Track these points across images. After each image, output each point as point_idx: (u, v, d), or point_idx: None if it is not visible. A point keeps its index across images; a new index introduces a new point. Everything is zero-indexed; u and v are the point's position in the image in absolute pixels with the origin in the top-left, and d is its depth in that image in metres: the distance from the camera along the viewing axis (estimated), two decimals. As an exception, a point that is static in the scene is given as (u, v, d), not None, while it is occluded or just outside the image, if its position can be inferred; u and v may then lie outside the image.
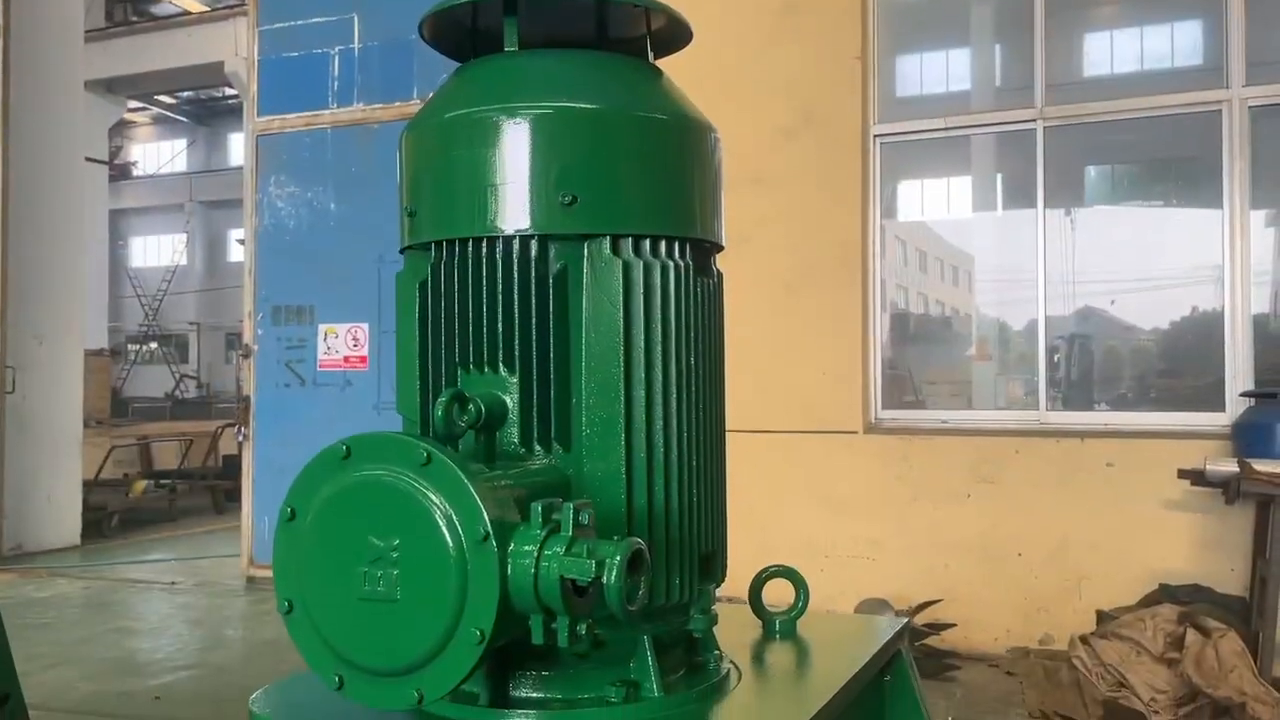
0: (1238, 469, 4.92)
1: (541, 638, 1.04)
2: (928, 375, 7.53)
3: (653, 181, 1.26)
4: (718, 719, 1.24)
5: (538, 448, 1.24)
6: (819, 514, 6.25)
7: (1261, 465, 4.90)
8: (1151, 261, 7.27)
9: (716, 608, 1.39)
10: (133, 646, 6.46)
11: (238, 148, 33.67)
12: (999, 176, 8.43)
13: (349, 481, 1.08)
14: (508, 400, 1.25)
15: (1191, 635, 4.84)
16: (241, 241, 8.30)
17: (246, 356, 8.00)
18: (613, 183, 1.23)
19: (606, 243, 1.23)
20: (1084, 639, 5.22)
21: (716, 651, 1.39)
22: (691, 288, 1.30)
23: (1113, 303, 6.84)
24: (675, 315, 1.27)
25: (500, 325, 1.24)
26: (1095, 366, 7.49)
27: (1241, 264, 5.81)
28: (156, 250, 39.16)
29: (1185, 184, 7.87)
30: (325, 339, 7.71)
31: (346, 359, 7.64)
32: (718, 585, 1.40)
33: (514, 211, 1.22)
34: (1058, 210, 6.98)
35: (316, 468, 1.10)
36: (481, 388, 1.24)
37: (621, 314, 1.23)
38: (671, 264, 1.27)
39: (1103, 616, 5.50)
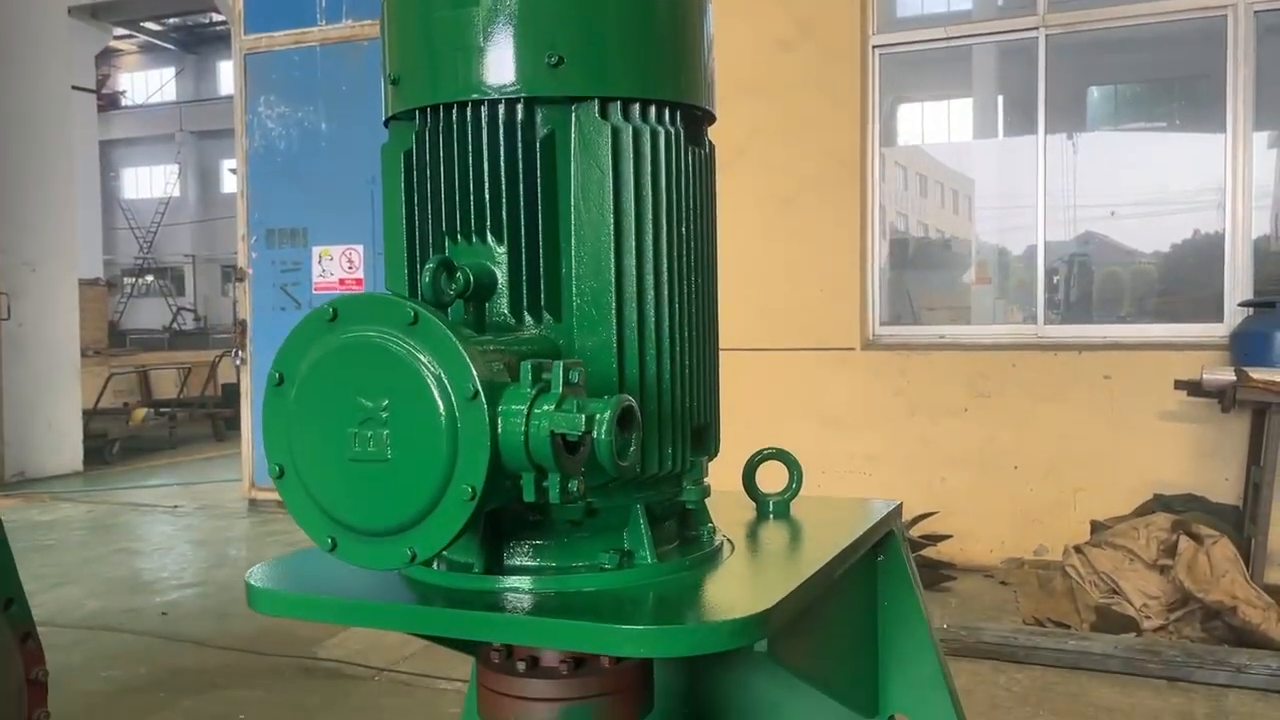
0: (1234, 377, 4.93)
1: (533, 495, 1.04)
2: (926, 300, 7.51)
3: (642, 43, 1.23)
4: (711, 585, 1.24)
5: (528, 318, 1.23)
6: (816, 430, 6.28)
7: (1258, 373, 4.91)
8: (1153, 185, 7.20)
9: (709, 480, 1.39)
10: (138, 566, 6.55)
11: (227, 76, 33.17)
12: (1000, 99, 8.32)
13: (336, 343, 1.07)
14: (496, 271, 1.23)
15: (1184, 542, 4.89)
16: (234, 171, 8.22)
17: (241, 280, 7.97)
18: (600, 43, 1.20)
19: (595, 106, 1.20)
20: (1078, 548, 5.29)
21: (710, 525, 1.39)
22: (683, 155, 1.28)
23: (1112, 214, 6.78)
24: (666, 182, 1.25)
25: (487, 193, 1.22)
26: (1095, 288, 7.46)
27: (1244, 180, 5.76)
28: (149, 182, 38.83)
29: (1188, 104, 7.77)
30: (320, 261, 7.67)
31: (342, 281, 7.61)
32: (710, 458, 1.40)
33: (498, 74, 1.19)
34: (1059, 135, 6.89)
35: (303, 331, 1.09)
36: (469, 258, 1.23)
37: (611, 180, 1.21)
38: (662, 130, 1.25)
39: (1097, 526, 5.56)
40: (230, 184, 28.13)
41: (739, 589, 1.26)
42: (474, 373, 1.00)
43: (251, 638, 4.99)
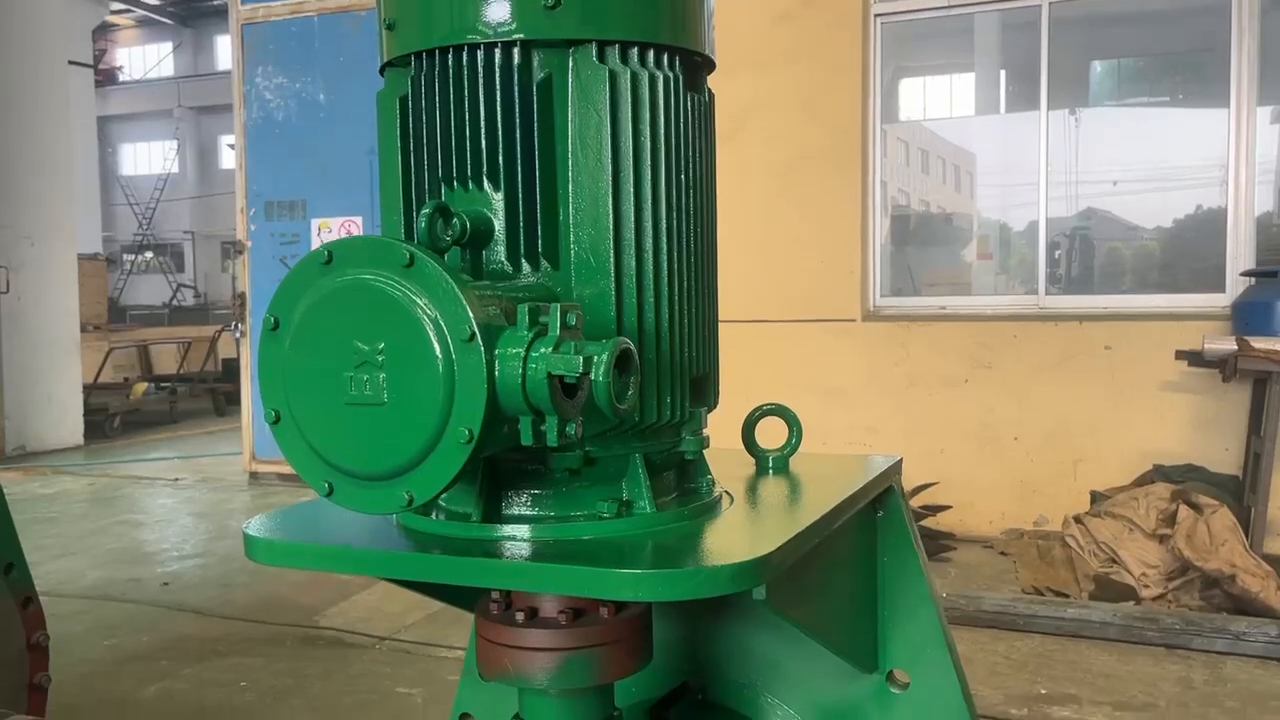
0: (1235, 347, 4.92)
1: (531, 439, 1.03)
2: (927, 276, 7.48)
3: (641, -16, 1.21)
4: (710, 533, 1.24)
5: (525, 266, 1.22)
6: (817, 402, 6.28)
7: (1259, 342, 4.90)
8: (1156, 160, 7.16)
9: (707, 432, 1.38)
10: (139, 538, 6.57)
11: (225, 50, 33.00)
12: (1003, 73, 8.26)
13: (331, 287, 1.05)
14: (493, 218, 1.22)
15: (1184, 511, 4.90)
16: (233, 146, 8.18)
17: (241, 253, 7.95)
18: (598, -15, 1.18)
19: (592, 50, 1.19)
20: (1077, 518, 5.30)
21: (709, 477, 1.39)
22: (682, 101, 1.26)
23: (1115, 184, 6.75)
24: (665, 128, 1.24)
25: (483, 139, 1.20)
26: (1097, 263, 7.43)
27: (1247, 155, 5.74)
28: (147, 158, 38.72)
29: (1192, 79, 7.70)
30: (319, 234, 7.65)
31: (341, 254, 7.57)
32: (709, 410, 1.40)
33: (494, 17, 1.17)
34: (1061, 110, 6.84)
35: (298, 275, 1.08)
36: (466, 205, 1.21)
37: (608, 125, 1.20)
38: (660, 74, 1.23)
39: (1096, 497, 5.57)
40: (229, 160, 28.01)
41: (738, 536, 1.26)
42: (470, 315, 0.99)
43: (253, 607, 5.01)
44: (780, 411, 1.65)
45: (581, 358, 1.00)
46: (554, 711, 1.33)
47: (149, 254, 36.82)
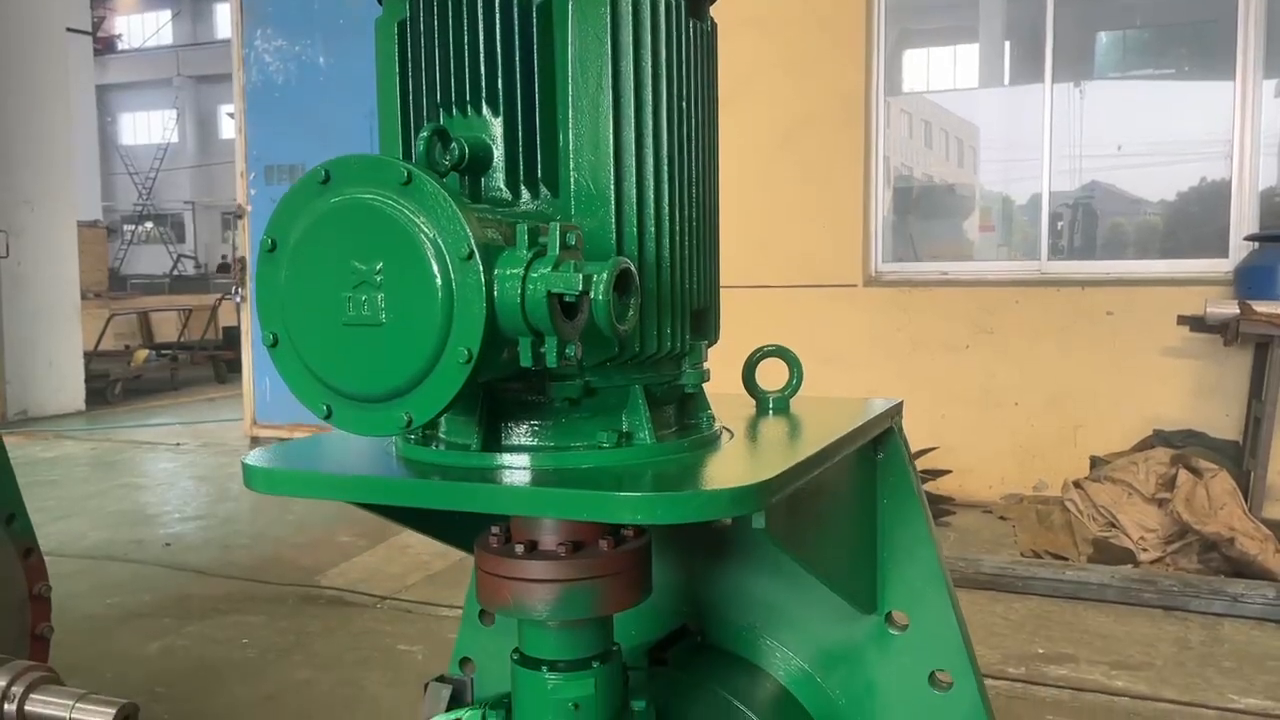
0: (1237, 311, 4.91)
1: (530, 360, 1.02)
2: (930, 249, 7.45)
3: (641, -97, 1.19)
4: (709, 463, 1.23)
5: (524, 193, 1.21)
6: (817, 367, 6.21)
7: (1262, 306, 4.88)
8: (1161, 133, 7.10)
9: (708, 365, 1.38)
10: (141, 500, 6.58)
11: (224, 19, 32.74)
12: (1007, 44, 8.19)
13: (328, 206, 1.05)
14: (492, 145, 1.20)
15: (1183, 475, 4.91)
16: (232, 115, 8.13)
17: (241, 218, 7.92)
18: (597, -97, 1.16)
19: (592, -29, 1.17)
20: (1077, 483, 5.31)
21: (709, 413, 1.39)
22: (684, 27, 1.25)
23: (1119, 148, 6.70)
24: (667, 53, 1.22)
25: (482, 63, 1.19)
26: (1099, 234, 7.39)
27: (1252, 126, 5.70)
28: (146, 127, 38.56)
29: (1198, 50, 7.62)
30: (319, 198, 7.59)
31: (341, 218, 7.55)
32: (710, 344, 1.39)
33: (494, -63, 1.16)
34: (1066, 84, 6.77)
35: (295, 195, 1.07)
36: (465, 131, 1.20)
37: (609, 50, 1.18)
38: (662, -1, 1.22)
39: (1096, 462, 5.58)
40: (229, 129, 27.87)
41: (738, 465, 1.26)
42: (469, 233, 0.98)
43: (254, 567, 5.03)
44: (781, 353, 1.65)
45: (581, 276, 0.99)
46: (553, 644, 1.33)
47: (149, 224, 36.74)
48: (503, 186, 1.21)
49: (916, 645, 1.63)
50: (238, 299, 8.11)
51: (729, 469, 1.23)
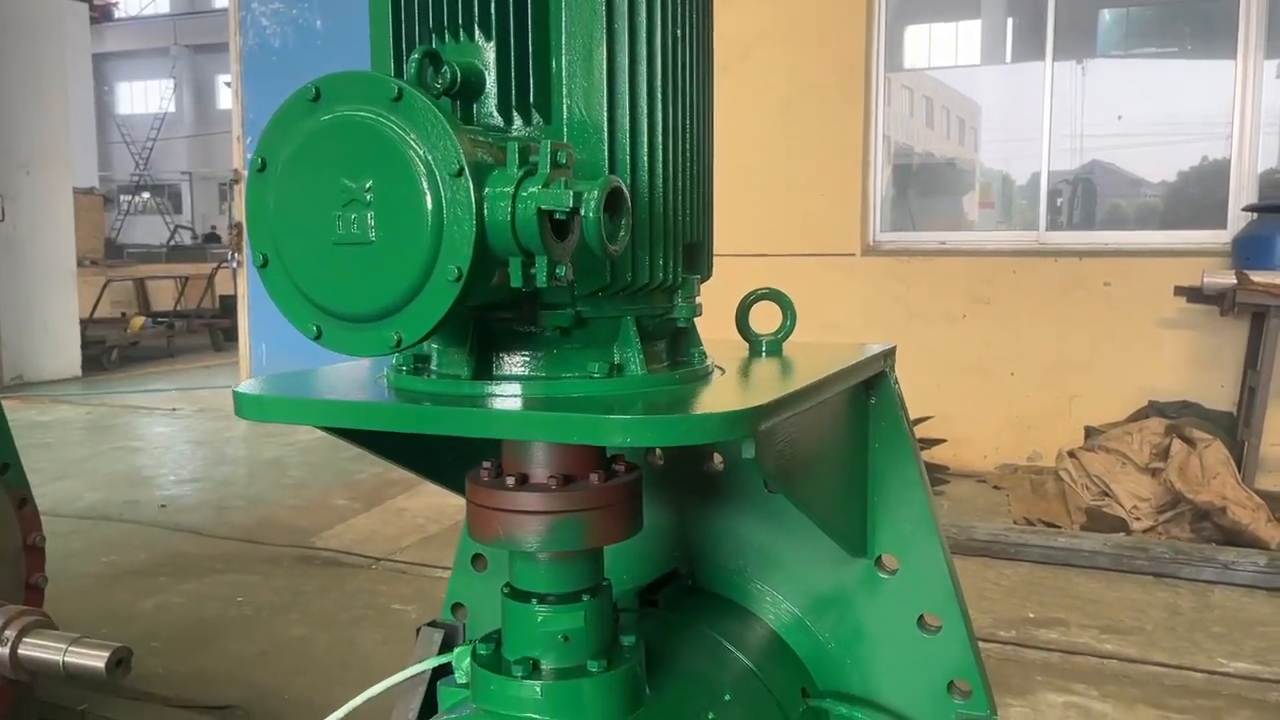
0: (1234, 281, 4.91)
1: (520, 280, 1.02)
2: (929, 225, 7.42)
3: None
4: (699, 394, 1.23)
5: (516, 119, 1.20)
6: (814, 336, 6.20)
7: (1259, 276, 4.88)
8: (1162, 112, 7.06)
9: (700, 300, 1.38)
10: (137, 463, 6.59)
11: (221, -14, 32.44)
12: (1010, 20, 8.14)
13: (318, 125, 1.04)
14: (484, 71, 1.19)
15: (1177, 445, 4.92)
16: (230, 84, 8.07)
17: (238, 182, 7.88)
18: None
19: (586, -109, 1.16)
20: (1071, 452, 5.33)
21: (701, 348, 1.38)
22: (678, -46, 1.24)
23: (1120, 118, 6.67)
24: (661, -20, 1.21)
25: (475, -14, 1.18)
26: (1098, 211, 7.37)
27: (1253, 105, 5.67)
28: (143, 96, 38.32)
29: (1200, 29, 7.57)
30: (316, 163, 7.56)
31: (338, 183, 7.52)
32: (703, 280, 1.39)
33: None
34: (1068, 61, 6.72)
35: (286, 113, 1.06)
36: (457, 57, 1.19)
37: (603, -26, 1.17)
38: (656, -79, 1.20)
39: (1091, 431, 5.59)
40: (226, 100, 27.70)
41: (730, 394, 1.26)
42: (459, 149, 0.98)
43: (250, 528, 5.05)
44: (774, 296, 1.64)
45: (572, 193, 0.98)
46: (544, 577, 1.33)
47: (146, 195, 36.58)
48: (494, 112, 1.20)
49: (906, 589, 1.64)
50: (234, 265, 8.09)
51: (720, 398, 1.24)
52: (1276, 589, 4.18)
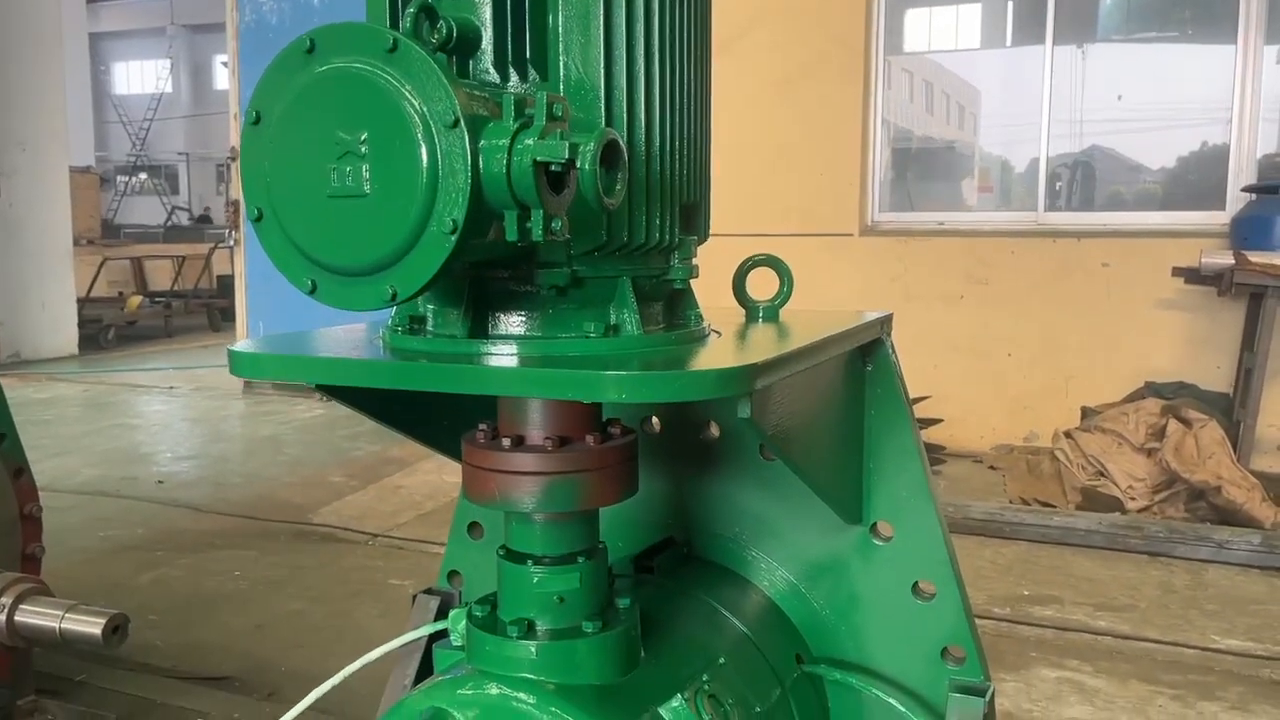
0: (1232, 261, 4.90)
1: (516, 234, 1.01)
2: (927, 208, 7.39)
3: None
4: (695, 353, 1.23)
5: (513, 75, 1.19)
6: (811, 316, 6.24)
7: (1256, 256, 4.88)
8: (1162, 97, 7.02)
9: (696, 262, 1.37)
10: (134, 440, 6.59)
11: (218, -35, 32.19)
12: (1010, 4, 8.10)
13: (312, 77, 1.03)
14: (480, 27, 1.19)
15: (1173, 425, 4.93)
16: (226, 64, 8.02)
17: (235, 159, 7.85)
18: None
19: None
20: (1067, 433, 5.33)
21: (697, 311, 1.38)
22: (676, -89, 1.23)
23: (1120, 98, 6.65)
24: (659, -63, 1.20)
25: (471, -59, 1.17)
26: (1097, 195, 7.34)
27: (1252, 91, 5.65)
28: (140, 76, 38.11)
29: (1201, 15, 7.53)
30: (313, 141, 7.53)
31: (335, 161, 7.49)
32: (700, 241, 1.38)
33: None
34: (1068, 45, 6.67)
35: (280, 65, 1.06)
36: (453, 11, 1.18)
37: (600, -71, 1.16)
38: (654, -126, 1.19)
39: (1087, 412, 5.60)
40: (223, 80, 27.57)
41: (726, 353, 1.26)
42: (454, 100, 0.97)
43: (247, 505, 5.06)
44: (771, 262, 1.64)
45: (568, 144, 0.98)
46: (539, 538, 1.33)
47: (143, 175, 36.43)
48: (490, 69, 1.19)
49: (900, 556, 1.64)
50: (231, 243, 8.07)
51: (716, 357, 1.23)
52: (1270, 568, 4.20)
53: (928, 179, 7.68)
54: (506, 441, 1.28)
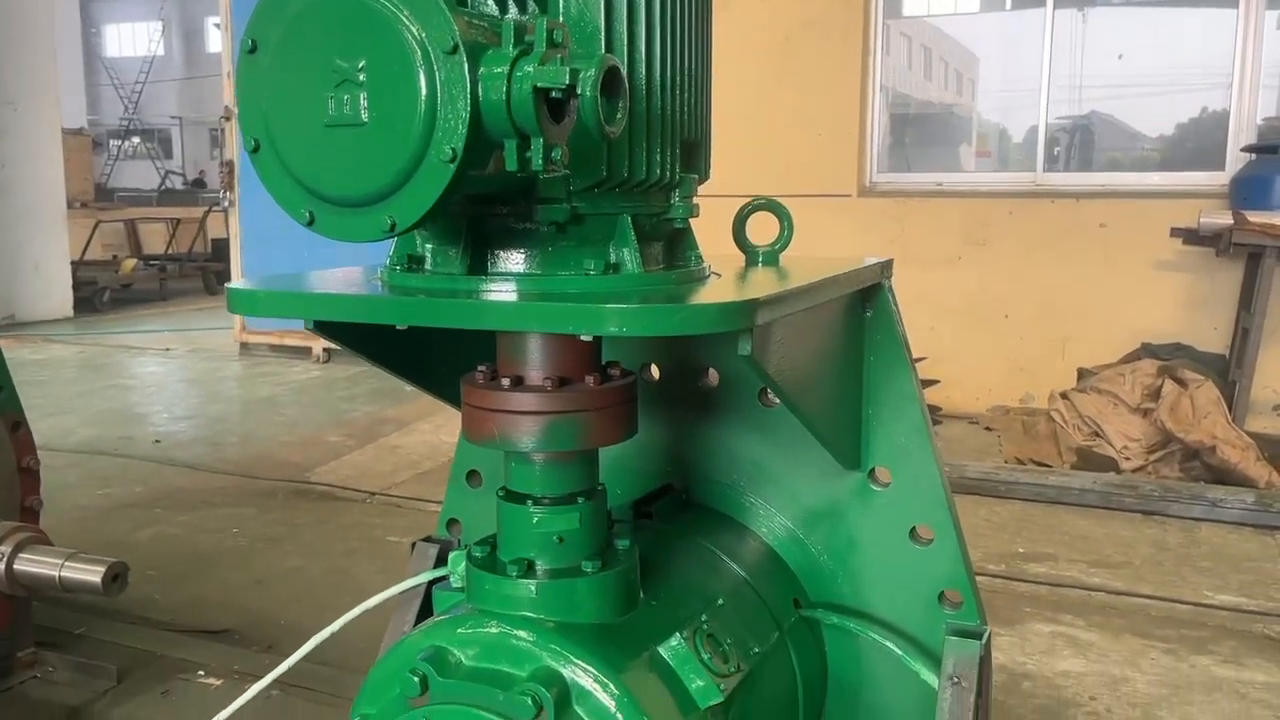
0: (1231, 221, 4.89)
1: (515, 163, 1.01)
2: (925, 170, 7.33)
3: None
4: (695, 291, 1.23)
5: (512, 8, 1.18)
6: (809, 277, 6.23)
7: (1255, 216, 4.87)
8: (1162, 62, 6.95)
9: (697, 201, 1.36)
10: (131, 400, 6.59)
11: (210, -76, 31.75)
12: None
13: (309, 3, 1.02)
14: (480, -41, 1.17)
15: (1169, 386, 4.94)
16: (219, 26, 7.92)
17: (228, 119, 7.79)
18: None
19: None
20: (1063, 394, 5.34)
21: (697, 252, 1.38)
22: None
23: (1120, 57, 6.59)
24: None
25: None
26: (1095, 160, 7.29)
27: (1254, 55, 5.61)
28: (131, 39, 37.67)
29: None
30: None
31: (330, 121, 7.43)
32: (700, 180, 1.37)
33: None
34: (1069, 9, 6.59)
35: (275, -9, 1.04)
36: (452, -57, 1.17)
37: None
38: None
39: (1083, 373, 5.60)
40: (216, 43, 27.26)
41: (726, 290, 1.25)
42: (453, 26, 0.96)
43: (245, 464, 5.06)
44: (771, 206, 1.63)
45: (568, 70, 0.97)
46: (539, 479, 1.33)
47: (136, 139, 36.12)
48: (490, 1, 1.18)
49: (898, 501, 1.65)
50: (225, 205, 8.01)
51: (717, 293, 1.23)
52: (1264, 526, 4.22)
53: (926, 144, 7.63)
54: (506, 381, 1.27)
